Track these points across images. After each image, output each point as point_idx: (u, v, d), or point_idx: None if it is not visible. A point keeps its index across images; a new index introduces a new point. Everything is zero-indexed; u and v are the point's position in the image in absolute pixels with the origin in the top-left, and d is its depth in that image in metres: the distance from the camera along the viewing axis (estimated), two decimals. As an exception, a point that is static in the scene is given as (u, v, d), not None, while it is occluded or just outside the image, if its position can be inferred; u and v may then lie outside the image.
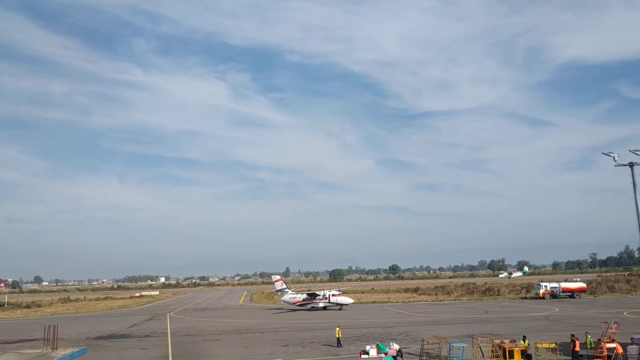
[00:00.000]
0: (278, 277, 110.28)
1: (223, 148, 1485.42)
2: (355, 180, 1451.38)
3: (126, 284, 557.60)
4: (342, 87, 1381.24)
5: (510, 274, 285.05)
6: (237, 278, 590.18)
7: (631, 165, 39.38)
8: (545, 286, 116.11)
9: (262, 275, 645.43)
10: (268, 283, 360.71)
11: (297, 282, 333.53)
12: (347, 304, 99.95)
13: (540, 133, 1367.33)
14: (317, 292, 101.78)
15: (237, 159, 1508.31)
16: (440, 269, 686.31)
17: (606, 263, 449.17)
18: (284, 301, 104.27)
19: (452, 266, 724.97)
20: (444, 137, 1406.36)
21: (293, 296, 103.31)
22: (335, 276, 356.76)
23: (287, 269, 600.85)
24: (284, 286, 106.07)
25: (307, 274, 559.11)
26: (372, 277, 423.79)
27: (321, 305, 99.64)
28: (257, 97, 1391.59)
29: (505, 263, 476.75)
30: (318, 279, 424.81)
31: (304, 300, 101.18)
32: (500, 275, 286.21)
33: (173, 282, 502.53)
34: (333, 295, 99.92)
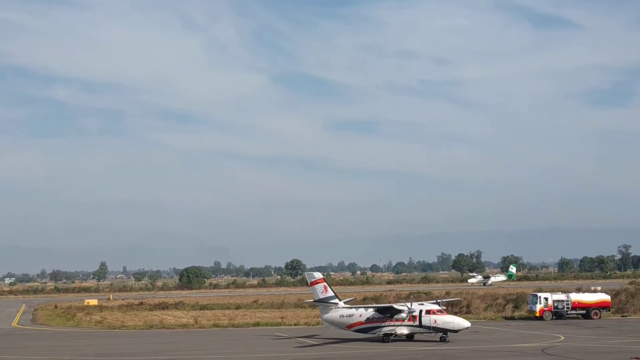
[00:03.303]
0: (318, 275, 70.74)
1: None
2: (232, 109, 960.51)
3: None
4: None
5: (486, 277, 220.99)
6: (7, 281, 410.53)
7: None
8: (546, 299, 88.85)
9: (55, 275, 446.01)
10: (66, 290, 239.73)
11: (119, 290, 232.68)
12: (456, 330, 62.35)
13: (552, 40, 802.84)
14: (395, 306, 64.62)
15: (9, 62, 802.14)
16: (374, 269, 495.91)
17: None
18: (330, 322, 66.12)
19: (394, 264, 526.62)
20: (391, 40, 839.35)
21: (349, 313, 65.31)
22: (189, 279, 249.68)
23: (104, 264, 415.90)
24: (330, 292, 66.57)
25: (139, 275, 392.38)
26: (255, 282, 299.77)
27: (404, 330, 62.21)
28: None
29: (482, 260, 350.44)
30: (159, 283, 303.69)
31: (368, 320, 63.56)
32: (471, 280, 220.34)
33: None
34: (428, 311, 61.95)
